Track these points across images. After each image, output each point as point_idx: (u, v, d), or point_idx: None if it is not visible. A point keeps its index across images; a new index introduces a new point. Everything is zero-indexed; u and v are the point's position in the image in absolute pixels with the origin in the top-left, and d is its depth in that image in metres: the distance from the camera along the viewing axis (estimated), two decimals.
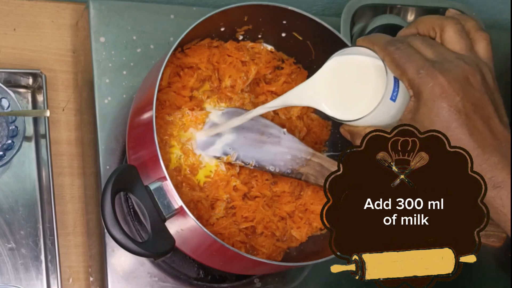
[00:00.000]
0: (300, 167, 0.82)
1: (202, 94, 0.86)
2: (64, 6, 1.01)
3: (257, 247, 0.85)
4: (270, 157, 0.83)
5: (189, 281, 0.90)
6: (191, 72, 0.87)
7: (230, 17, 0.85)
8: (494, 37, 1.14)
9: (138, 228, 0.89)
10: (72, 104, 0.98)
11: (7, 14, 0.98)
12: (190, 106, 0.85)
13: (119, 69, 0.95)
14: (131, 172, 0.73)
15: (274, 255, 0.86)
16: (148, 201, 0.72)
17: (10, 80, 0.94)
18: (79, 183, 0.96)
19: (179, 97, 0.85)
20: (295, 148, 0.84)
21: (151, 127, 0.74)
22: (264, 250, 0.85)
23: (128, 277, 0.88)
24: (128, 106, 0.86)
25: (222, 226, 0.83)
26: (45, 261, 0.90)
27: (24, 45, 0.98)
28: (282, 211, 0.87)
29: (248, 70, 0.90)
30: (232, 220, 0.84)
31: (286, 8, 0.84)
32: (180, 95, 0.85)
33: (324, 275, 0.99)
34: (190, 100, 0.85)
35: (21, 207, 0.91)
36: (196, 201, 0.82)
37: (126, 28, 0.97)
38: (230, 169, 0.84)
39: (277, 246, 0.86)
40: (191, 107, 0.85)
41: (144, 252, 0.70)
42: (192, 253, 0.82)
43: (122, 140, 0.92)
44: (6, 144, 0.89)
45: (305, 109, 0.92)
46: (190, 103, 0.85)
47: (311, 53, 0.91)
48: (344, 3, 1.06)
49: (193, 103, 0.85)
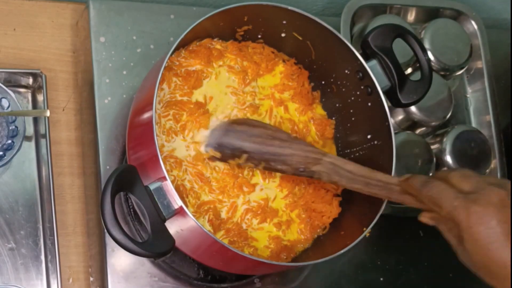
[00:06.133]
0: (313, 166, 0.82)
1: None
2: (64, 6, 1.01)
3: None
4: (281, 158, 0.83)
5: (189, 281, 0.90)
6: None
7: (230, 17, 0.85)
8: (494, 37, 1.15)
9: (138, 228, 0.89)
10: (72, 104, 0.98)
11: (7, 14, 0.98)
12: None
13: (119, 69, 0.95)
14: (131, 172, 0.73)
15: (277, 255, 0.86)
16: (148, 201, 0.72)
17: (10, 80, 0.94)
18: (79, 183, 0.96)
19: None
20: (306, 150, 0.84)
21: (151, 127, 0.74)
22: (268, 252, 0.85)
23: (128, 277, 0.88)
24: (128, 106, 0.86)
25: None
26: (45, 261, 0.90)
27: (24, 45, 0.98)
28: (284, 212, 0.88)
29: (249, 70, 0.90)
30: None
31: (286, 8, 0.84)
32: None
33: (324, 275, 0.99)
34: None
35: (21, 207, 0.91)
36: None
37: (126, 28, 0.97)
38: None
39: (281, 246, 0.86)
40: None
41: (144, 252, 0.70)
42: (192, 253, 0.82)
43: (122, 140, 0.92)
44: (6, 144, 0.89)
45: (308, 107, 0.92)
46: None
47: (311, 53, 0.91)
48: (344, 3, 1.06)
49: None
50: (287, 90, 0.92)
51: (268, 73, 0.92)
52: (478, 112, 1.12)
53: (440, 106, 1.05)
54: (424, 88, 0.89)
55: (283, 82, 0.92)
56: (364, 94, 0.87)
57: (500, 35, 1.19)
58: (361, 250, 1.01)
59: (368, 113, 0.87)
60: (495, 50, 1.14)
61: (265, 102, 0.91)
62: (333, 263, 0.99)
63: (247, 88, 0.90)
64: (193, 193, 0.82)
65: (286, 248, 0.86)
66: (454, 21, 1.10)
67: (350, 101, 0.90)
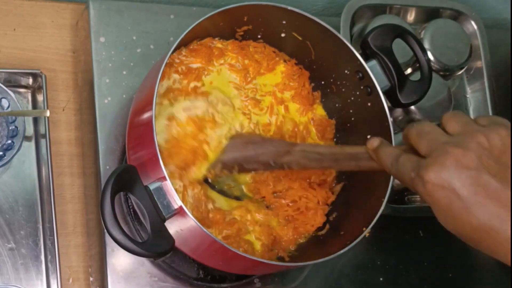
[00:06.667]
0: (283, 157, 0.82)
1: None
2: (64, 6, 1.01)
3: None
4: (253, 159, 0.83)
5: (189, 281, 0.90)
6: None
7: (230, 17, 0.85)
8: (494, 37, 1.15)
9: (138, 228, 0.89)
10: (72, 104, 0.99)
11: (7, 14, 0.98)
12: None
13: (119, 69, 0.95)
14: (131, 172, 0.73)
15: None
16: (147, 201, 0.72)
17: (10, 80, 0.94)
18: (79, 183, 0.96)
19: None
20: (278, 144, 0.84)
21: (151, 127, 0.74)
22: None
23: (128, 277, 0.88)
24: (128, 106, 0.86)
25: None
26: (45, 261, 0.90)
27: (24, 45, 0.98)
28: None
29: (251, 68, 0.90)
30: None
31: (286, 8, 0.84)
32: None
33: (324, 275, 0.99)
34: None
35: (21, 207, 0.91)
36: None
37: (126, 28, 0.97)
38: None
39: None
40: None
41: (144, 252, 0.70)
42: (192, 253, 0.82)
43: (122, 140, 0.92)
44: (6, 144, 0.89)
45: (308, 108, 0.92)
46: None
47: (310, 53, 0.91)
48: (344, 3, 1.06)
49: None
50: (288, 90, 0.92)
51: (269, 72, 0.92)
52: (478, 112, 1.12)
53: (440, 106, 1.05)
54: (424, 88, 0.89)
55: (284, 81, 0.92)
56: (364, 94, 0.87)
57: (500, 35, 1.19)
58: (361, 250, 1.01)
59: (368, 113, 0.87)
60: (495, 50, 1.14)
61: (266, 99, 0.91)
62: (333, 263, 0.99)
63: (248, 85, 0.90)
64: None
65: (276, 240, 0.86)
66: (454, 21, 1.10)
67: (350, 101, 0.90)
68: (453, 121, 0.64)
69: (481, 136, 0.61)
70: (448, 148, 0.61)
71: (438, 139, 0.63)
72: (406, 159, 0.65)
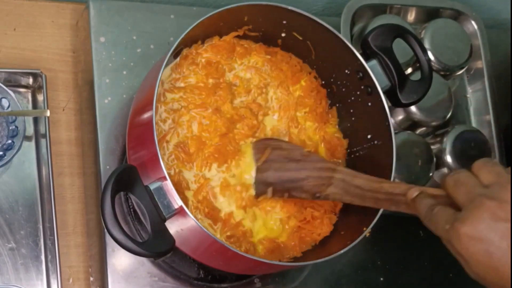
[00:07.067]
0: (326, 188, 0.81)
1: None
2: (64, 6, 1.01)
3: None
4: (299, 184, 0.83)
5: (189, 281, 0.90)
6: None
7: (230, 17, 0.85)
8: (494, 37, 1.15)
9: (138, 228, 0.89)
10: (72, 104, 0.99)
11: (7, 14, 0.98)
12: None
13: (119, 69, 0.95)
14: (131, 172, 0.73)
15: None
16: (148, 201, 0.72)
17: (10, 80, 0.94)
18: (79, 183, 0.96)
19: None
20: (319, 167, 0.83)
21: (151, 127, 0.74)
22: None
23: (128, 277, 0.88)
24: (128, 106, 0.86)
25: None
26: (45, 261, 0.90)
27: (24, 45, 0.98)
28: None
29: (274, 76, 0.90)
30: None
31: (286, 8, 0.84)
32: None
33: (324, 275, 0.99)
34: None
35: (21, 207, 0.91)
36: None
37: (126, 28, 0.97)
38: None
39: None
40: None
41: (144, 252, 0.70)
42: (192, 253, 0.82)
43: (122, 140, 0.92)
44: (6, 144, 0.89)
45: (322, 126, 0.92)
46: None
47: (311, 53, 0.91)
48: (344, 3, 1.06)
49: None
50: (303, 107, 0.92)
51: (293, 85, 0.91)
52: (478, 112, 1.12)
53: (440, 106, 1.05)
54: (424, 88, 0.89)
55: (301, 98, 0.91)
56: (364, 94, 0.87)
57: (500, 35, 1.19)
58: (361, 250, 1.01)
59: (368, 113, 0.87)
60: (495, 50, 1.14)
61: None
62: (333, 263, 0.99)
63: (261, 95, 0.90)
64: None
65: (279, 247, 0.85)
66: (454, 21, 1.10)
67: (350, 101, 0.90)
68: (485, 171, 0.65)
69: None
70: (484, 200, 0.62)
71: (473, 191, 0.64)
72: (441, 210, 0.66)
